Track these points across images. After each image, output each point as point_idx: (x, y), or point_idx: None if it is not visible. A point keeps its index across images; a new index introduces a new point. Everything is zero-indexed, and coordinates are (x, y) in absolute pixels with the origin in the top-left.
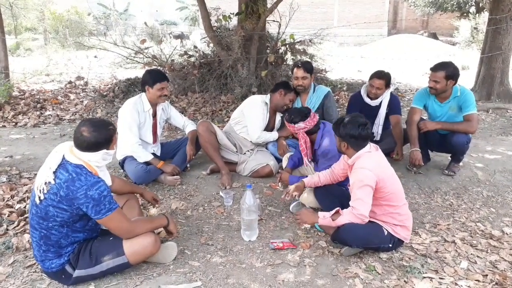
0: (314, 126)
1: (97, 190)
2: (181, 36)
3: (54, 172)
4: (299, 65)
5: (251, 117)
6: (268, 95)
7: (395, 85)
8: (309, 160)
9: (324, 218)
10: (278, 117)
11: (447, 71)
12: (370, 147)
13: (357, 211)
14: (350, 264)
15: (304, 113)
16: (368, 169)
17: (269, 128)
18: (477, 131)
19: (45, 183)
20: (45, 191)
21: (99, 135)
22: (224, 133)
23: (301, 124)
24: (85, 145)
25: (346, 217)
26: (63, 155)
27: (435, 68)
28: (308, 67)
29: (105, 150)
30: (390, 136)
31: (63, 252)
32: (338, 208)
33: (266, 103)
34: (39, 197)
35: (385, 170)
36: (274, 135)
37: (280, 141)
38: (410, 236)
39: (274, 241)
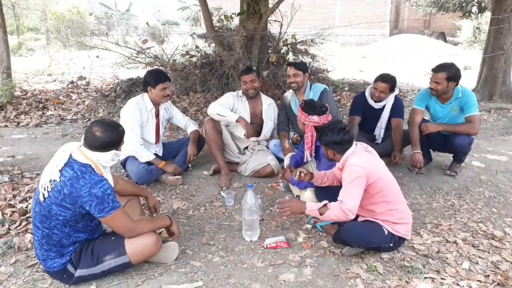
0: (323, 124)
1: (101, 188)
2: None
3: (60, 170)
4: (291, 63)
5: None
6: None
7: (400, 89)
8: (312, 155)
9: (312, 209)
10: (265, 105)
11: (449, 73)
12: (356, 146)
13: (344, 205)
14: (351, 264)
15: (322, 110)
16: (357, 165)
17: (256, 117)
18: (479, 131)
19: (50, 180)
20: (49, 189)
21: (112, 135)
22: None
23: (315, 118)
24: (97, 145)
25: (332, 211)
26: (70, 154)
27: (437, 69)
28: (299, 65)
29: (114, 151)
30: (389, 139)
31: (65, 252)
32: (326, 202)
33: (239, 95)
34: (43, 195)
35: (376, 165)
36: (232, 116)
37: (284, 144)
38: (412, 235)
39: (268, 242)
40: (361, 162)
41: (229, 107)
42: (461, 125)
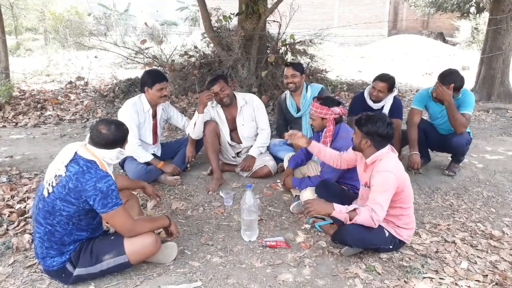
0: (341, 116)
1: (106, 183)
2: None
3: (65, 166)
4: (288, 64)
5: None
6: None
7: (398, 89)
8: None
9: (340, 212)
10: (239, 107)
11: (455, 82)
12: (388, 147)
13: (376, 216)
14: (350, 264)
15: (338, 101)
16: (392, 172)
17: (229, 118)
18: (477, 131)
19: (55, 176)
20: (54, 184)
21: (117, 133)
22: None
23: (337, 109)
24: (103, 142)
25: (363, 217)
26: (76, 152)
27: (444, 80)
28: (297, 66)
29: (119, 149)
30: None
31: (65, 250)
32: (356, 206)
33: (212, 106)
34: (48, 190)
35: (403, 172)
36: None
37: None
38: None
39: (267, 240)
40: (395, 169)
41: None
42: (459, 115)
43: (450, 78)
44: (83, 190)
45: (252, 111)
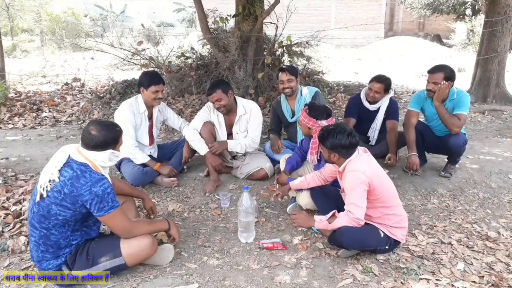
0: None
1: (101, 186)
2: None
3: (59, 170)
4: (283, 69)
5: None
6: None
7: (394, 91)
8: (318, 159)
9: (321, 221)
10: (237, 117)
11: (446, 72)
12: (358, 151)
13: (353, 215)
14: (347, 265)
15: (327, 113)
16: (360, 171)
17: (228, 124)
18: (473, 133)
19: (49, 180)
20: (49, 189)
21: (107, 134)
22: None
23: (324, 122)
24: (92, 144)
25: (342, 220)
26: (69, 155)
27: (434, 70)
28: (292, 70)
29: (111, 150)
30: (384, 140)
31: (61, 253)
32: (334, 211)
33: (212, 108)
34: (42, 195)
35: (376, 171)
36: (202, 147)
37: (274, 139)
38: (407, 236)
39: (265, 242)
40: (363, 168)
41: (202, 116)
42: (450, 116)
43: (438, 69)
44: (79, 195)
45: (246, 121)
